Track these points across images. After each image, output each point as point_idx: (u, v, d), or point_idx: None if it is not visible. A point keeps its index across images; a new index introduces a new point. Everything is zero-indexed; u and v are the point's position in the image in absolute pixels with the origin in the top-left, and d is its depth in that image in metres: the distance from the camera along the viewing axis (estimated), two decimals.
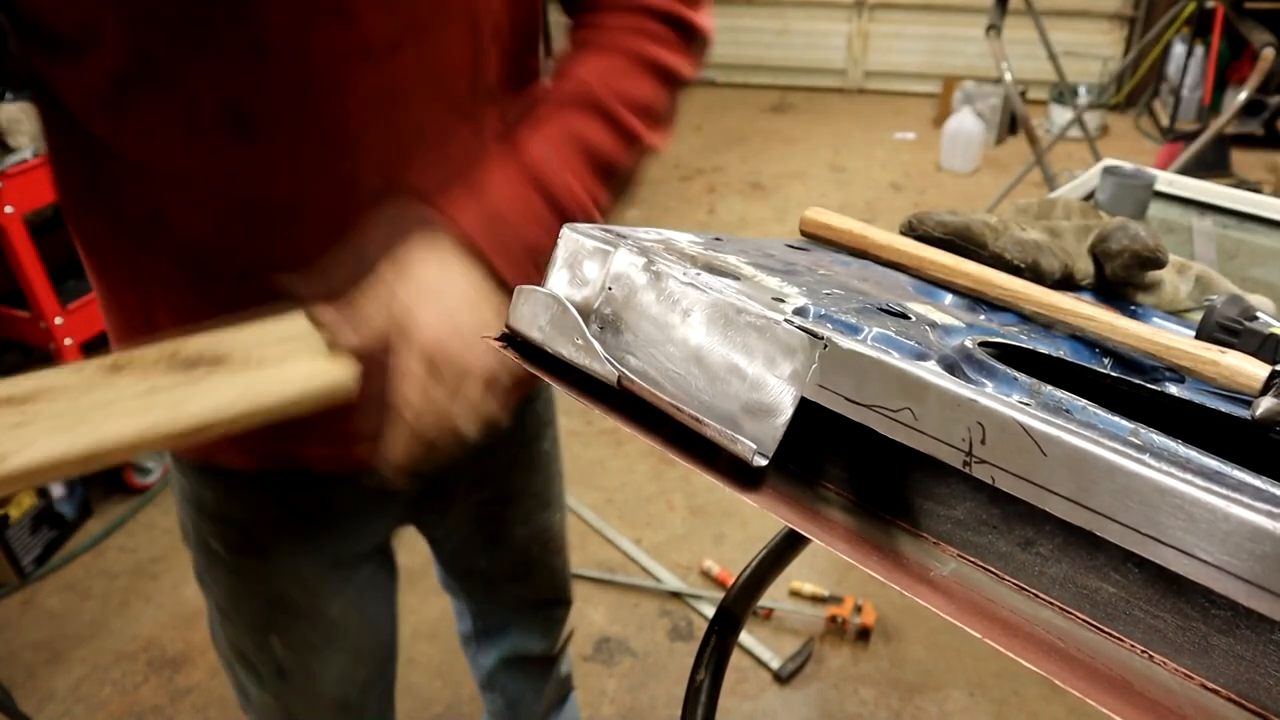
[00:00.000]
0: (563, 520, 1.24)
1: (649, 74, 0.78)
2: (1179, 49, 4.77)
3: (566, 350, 0.50)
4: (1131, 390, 0.49)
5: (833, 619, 1.99)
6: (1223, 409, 0.49)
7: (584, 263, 0.53)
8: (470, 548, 1.15)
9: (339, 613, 0.98)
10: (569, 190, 0.73)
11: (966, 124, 4.53)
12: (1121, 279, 0.73)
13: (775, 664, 1.91)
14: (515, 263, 0.70)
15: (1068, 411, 0.39)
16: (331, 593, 0.97)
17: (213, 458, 0.87)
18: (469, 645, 1.35)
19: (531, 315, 0.52)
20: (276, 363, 0.66)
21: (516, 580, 1.23)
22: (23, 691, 1.84)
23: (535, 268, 0.67)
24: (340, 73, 0.69)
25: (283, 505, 0.91)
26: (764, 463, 0.42)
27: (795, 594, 2.08)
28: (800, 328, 0.43)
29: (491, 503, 1.10)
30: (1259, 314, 0.61)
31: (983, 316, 0.60)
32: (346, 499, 0.93)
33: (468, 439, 0.69)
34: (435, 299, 0.66)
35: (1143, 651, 0.37)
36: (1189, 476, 0.33)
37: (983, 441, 0.37)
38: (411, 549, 1.27)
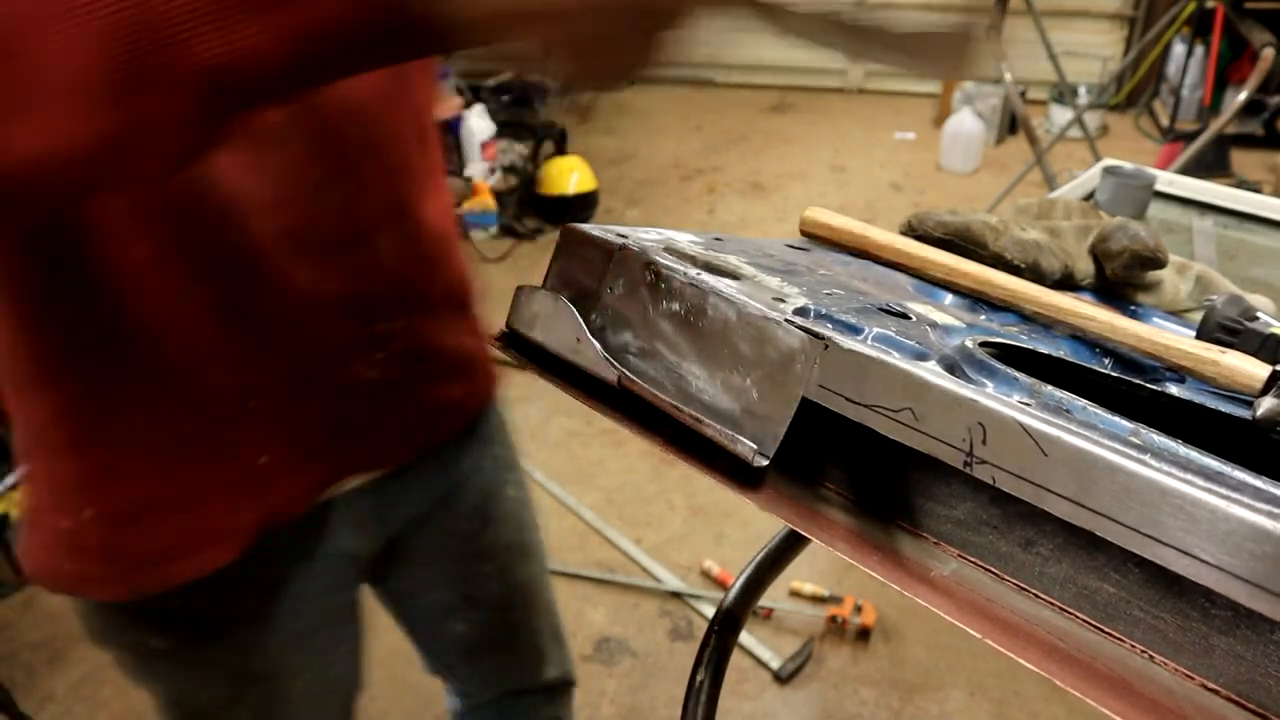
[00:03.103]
0: (544, 575, 1.13)
1: None
2: (1179, 49, 4.77)
3: (566, 350, 0.50)
4: (1132, 390, 0.49)
5: (833, 619, 1.99)
6: (1223, 409, 0.49)
7: (584, 262, 0.53)
8: (441, 610, 1.06)
9: (308, 680, 0.92)
10: None
11: (966, 124, 4.53)
12: (1121, 279, 0.73)
13: (775, 664, 1.91)
14: None
15: (1068, 412, 0.39)
16: (298, 665, 0.90)
17: (98, 592, 0.78)
18: None
19: (531, 315, 0.52)
20: None
21: (499, 650, 1.12)
22: (23, 691, 1.84)
23: None
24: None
25: (235, 590, 0.82)
26: (764, 463, 0.42)
27: (795, 594, 2.08)
28: (801, 328, 0.43)
29: (460, 560, 1.02)
30: (1259, 314, 0.61)
31: (983, 316, 0.60)
32: (299, 570, 0.85)
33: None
34: None
35: (1143, 652, 0.37)
36: (1190, 477, 0.33)
37: (983, 442, 0.37)
38: None
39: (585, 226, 0.55)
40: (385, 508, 0.91)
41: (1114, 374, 0.51)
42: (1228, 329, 0.60)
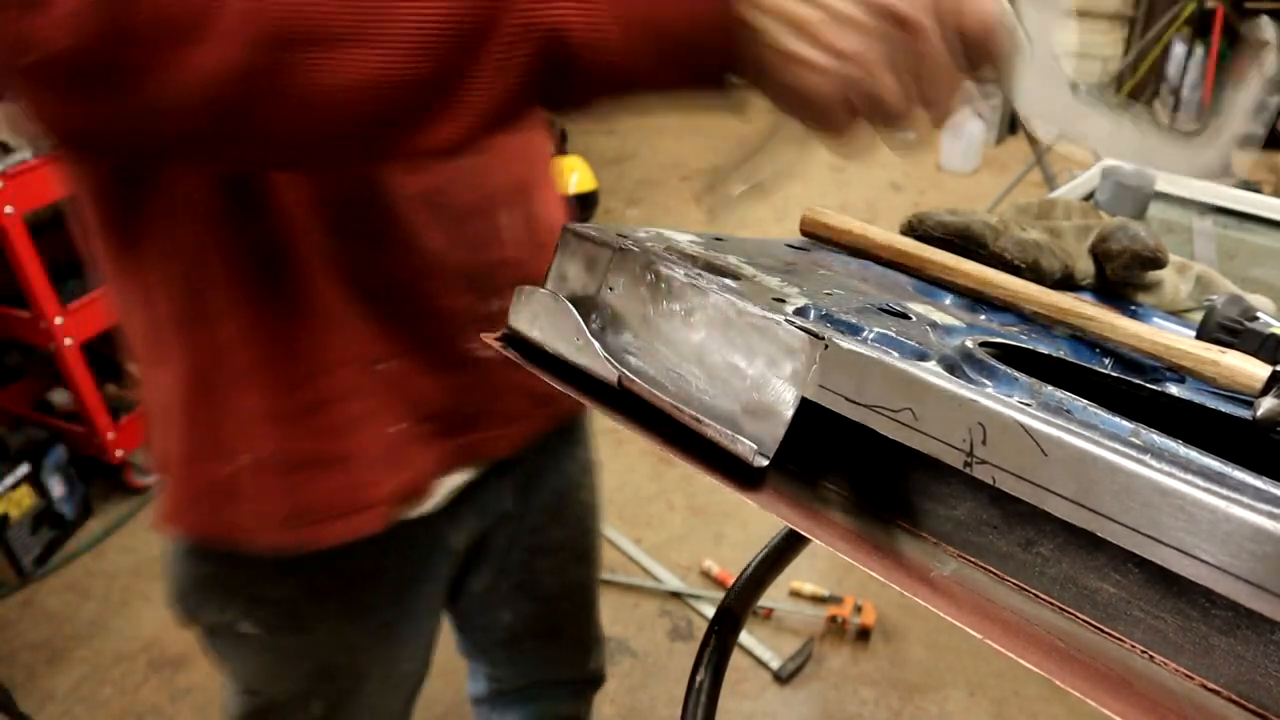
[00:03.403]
0: (597, 576, 1.18)
1: None
2: (1179, 49, 4.77)
3: (566, 350, 0.50)
4: (1132, 390, 0.49)
5: (833, 619, 1.99)
6: (1223, 409, 0.49)
7: (584, 262, 0.53)
8: (492, 598, 1.07)
9: (380, 677, 0.93)
10: None
11: (966, 124, 4.53)
12: (1122, 279, 0.73)
13: (775, 664, 1.91)
14: None
15: (1068, 412, 0.39)
16: (378, 655, 0.92)
17: (247, 541, 0.79)
18: (480, 706, 1.26)
19: (531, 315, 0.52)
20: None
21: (542, 639, 1.15)
22: (23, 691, 1.84)
23: None
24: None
25: (331, 576, 0.84)
26: (764, 463, 0.42)
27: (795, 594, 2.08)
28: (801, 328, 0.43)
29: (524, 552, 1.04)
30: (1259, 314, 0.61)
31: (983, 316, 0.60)
32: (397, 562, 0.87)
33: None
34: None
35: (1143, 652, 0.37)
36: (1190, 477, 0.33)
37: (983, 442, 0.37)
38: None
39: (585, 226, 0.55)
40: (485, 502, 0.92)
41: (1114, 374, 0.51)
42: (1228, 329, 0.59)
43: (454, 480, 0.85)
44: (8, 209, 1.93)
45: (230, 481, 0.74)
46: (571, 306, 0.50)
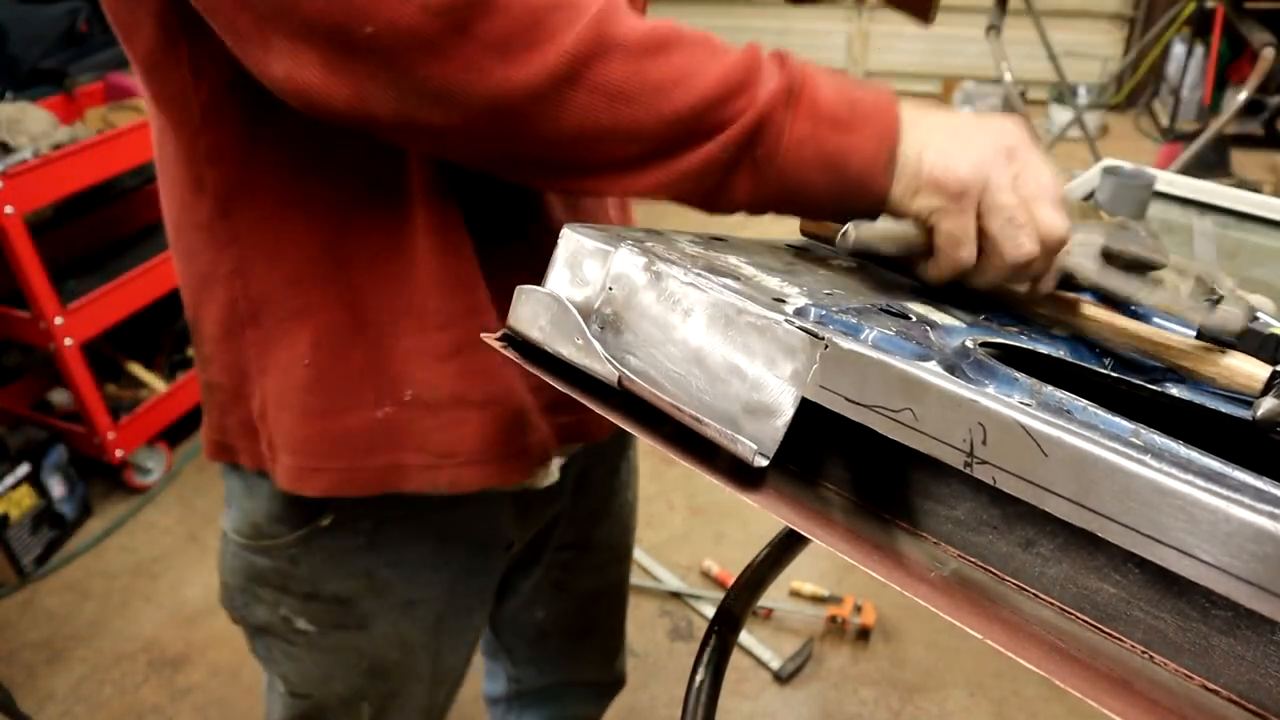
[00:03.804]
0: (628, 579, 1.18)
1: None
2: (1179, 49, 4.77)
3: (567, 350, 0.50)
4: (1132, 391, 0.49)
5: (833, 619, 1.99)
6: (1223, 410, 0.49)
7: (584, 263, 0.53)
8: (528, 595, 1.07)
9: (432, 672, 0.92)
10: None
11: None
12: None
13: (775, 664, 1.91)
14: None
15: (1069, 412, 0.39)
16: (431, 652, 0.91)
17: (401, 481, 0.76)
18: (496, 706, 1.26)
19: (532, 315, 0.52)
20: None
21: (571, 639, 1.15)
22: (23, 691, 1.84)
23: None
24: None
25: (392, 569, 0.83)
26: (764, 463, 0.42)
27: (795, 594, 2.08)
28: (801, 328, 0.43)
29: (566, 549, 1.04)
30: (1259, 314, 0.61)
31: (983, 316, 0.60)
32: (459, 549, 0.86)
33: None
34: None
35: (1143, 652, 0.37)
36: (1190, 478, 0.33)
37: (984, 442, 0.37)
38: None
39: (586, 226, 0.55)
40: (546, 500, 0.92)
41: (1114, 374, 0.51)
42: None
43: (559, 460, 0.83)
44: (8, 209, 1.93)
45: (391, 420, 0.73)
46: (572, 307, 0.50)
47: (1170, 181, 1.18)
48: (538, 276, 0.56)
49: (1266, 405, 0.45)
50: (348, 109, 0.54)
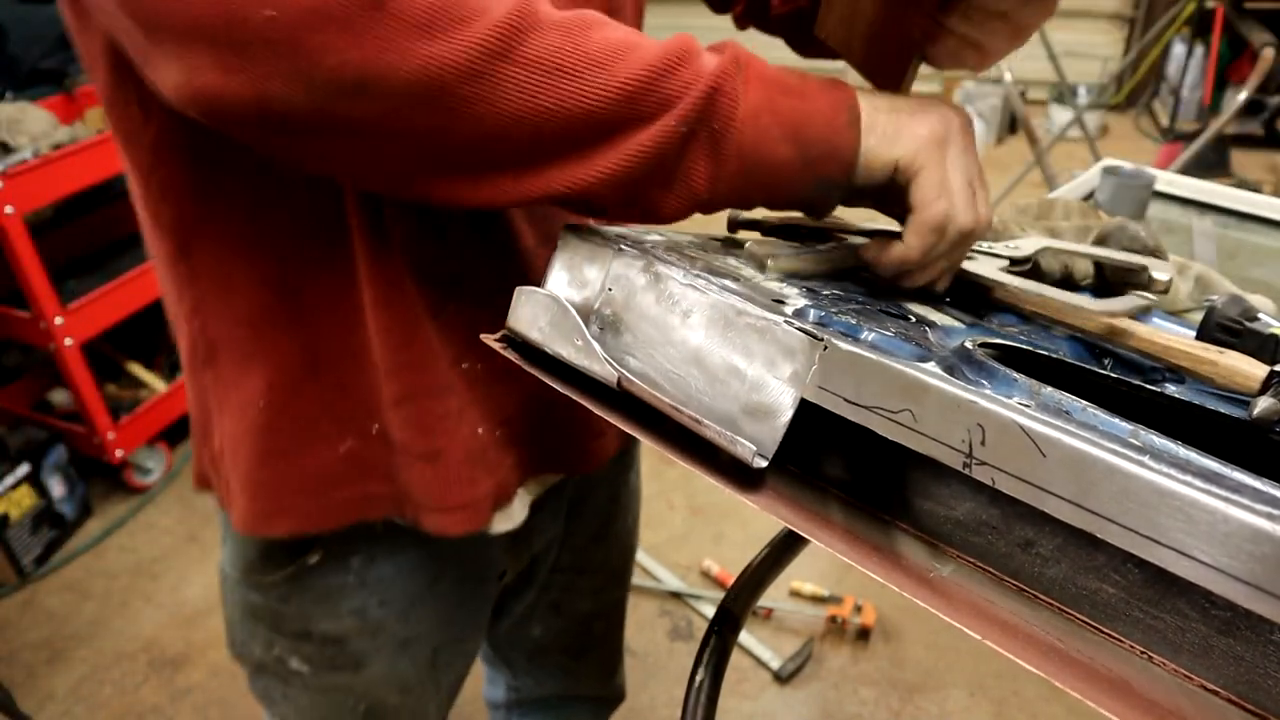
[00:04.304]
0: (627, 598, 1.17)
1: None
2: (1179, 49, 4.77)
3: (566, 351, 0.50)
4: (1131, 391, 0.49)
5: (833, 619, 1.99)
6: (1222, 410, 0.49)
7: (584, 264, 0.53)
8: (525, 612, 1.06)
9: (435, 702, 0.92)
10: None
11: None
12: (1121, 279, 0.73)
13: (775, 664, 1.91)
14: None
15: (1067, 413, 0.39)
16: (430, 689, 0.89)
17: (359, 518, 0.75)
18: (497, 711, 1.26)
19: (531, 316, 0.52)
20: None
21: (570, 656, 1.14)
22: (23, 691, 1.84)
23: None
24: None
25: (385, 608, 0.81)
26: (764, 464, 0.42)
27: (795, 594, 2.08)
28: (800, 329, 0.43)
29: (562, 572, 1.03)
30: (1259, 314, 0.61)
31: (983, 317, 0.60)
32: (451, 581, 0.84)
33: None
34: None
35: (1142, 652, 0.37)
36: (1189, 478, 0.33)
37: (983, 443, 0.37)
38: None
39: (585, 227, 0.55)
40: (539, 527, 0.91)
41: (1113, 375, 0.51)
42: (1228, 329, 0.60)
43: (532, 492, 0.81)
44: (8, 209, 1.93)
45: (360, 452, 0.71)
46: (571, 308, 0.50)
47: (1170, 181, 1.18)
48: (501, 316, 0.54)
49: (1263, 404, 0.45)
50: (253, 112, 0.48)
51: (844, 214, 0.68)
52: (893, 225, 0.58)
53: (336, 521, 0.74)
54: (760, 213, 0.63)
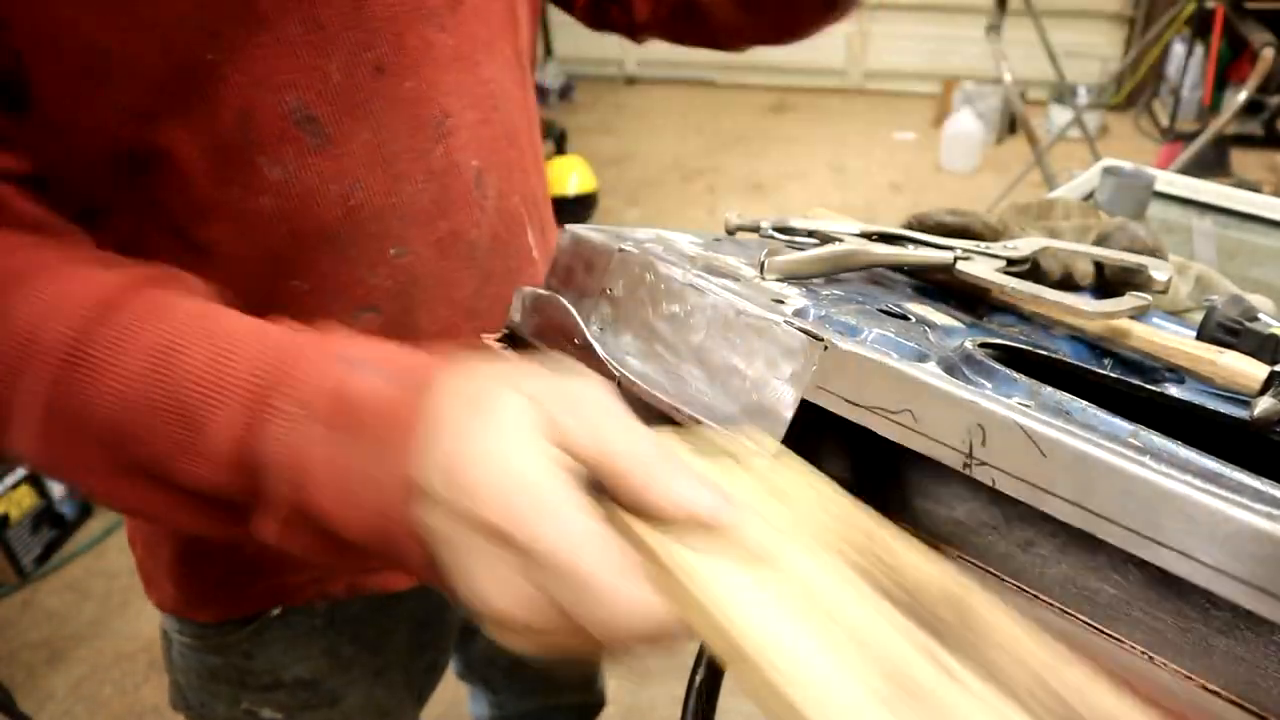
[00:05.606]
0: None
1: None
2: (1179, 49, 4.77)
3: (566, 351, 0.50)
4: (1131, 391, 0.49)
5: None
6: (1223, 410, 0.49)
7: (584, 263, 0.53)
8: None
9: (414, 713, 0.92)
10: None
11: (966, 124, 4.53)
12: (1121, 279, 0.73)
13: None
14: None
15: (1068, 413, 0.39)
16: (410, 705, 0.90)
17: (297, 594, 0.74)
18: None
19: (531, 316, 0.52)
20: None
21: (545, 669, 1.13)
22: (23, 691, 1.84)
23: None
24: (410, 40, 0.59)
25: (357, 642, 0.80)
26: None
27: None
28: (800, 329, 0.43)
29: None
30: (1259, 314, 0.61)
31: (983, 317, 0.60)
32: (419, 607, 0.84)
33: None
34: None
35: (1143, 653, 0.37)
36: (1189, 479, 0.33)
37: (983, 443, 0.37)
38: None
39: (585, 227, 0.55)
40: None
41: (1114, 375, 0.51)
42: (1228, 329, 0.60)
43: None
44: None
45: (256, 557, 0.70)
46: (571, 308, 0.50)
47: (1170, 181, 1.18)
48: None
49: (1263, 405, 0.45)
50: None
51: (844, 214, 0.68)
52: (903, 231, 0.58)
53: (267, 606, 0.75)
54: (760, 214, 0.63)
